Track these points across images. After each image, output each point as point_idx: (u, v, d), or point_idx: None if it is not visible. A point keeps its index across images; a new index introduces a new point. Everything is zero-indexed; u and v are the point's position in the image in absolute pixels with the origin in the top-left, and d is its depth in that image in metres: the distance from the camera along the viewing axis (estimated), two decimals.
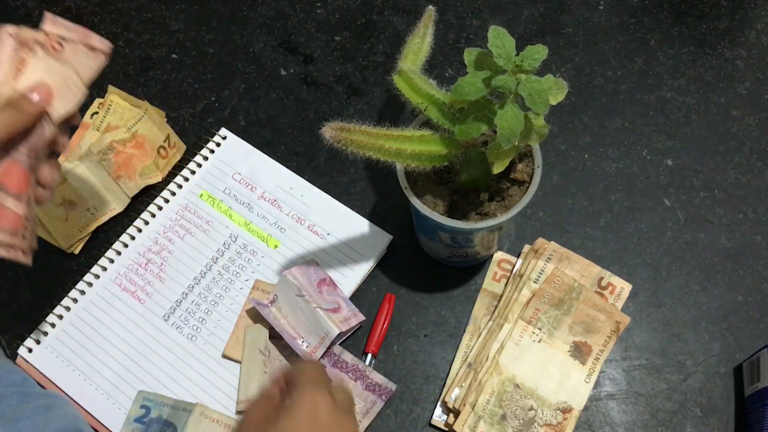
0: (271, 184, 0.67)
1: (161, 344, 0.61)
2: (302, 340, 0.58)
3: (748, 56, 0.73)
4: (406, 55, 0.54)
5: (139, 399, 0.58)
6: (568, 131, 0.70)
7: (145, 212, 0.66)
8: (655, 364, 0.60)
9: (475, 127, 0.46)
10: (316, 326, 0.57)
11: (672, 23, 0.75)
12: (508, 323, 0.59)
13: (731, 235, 0.65)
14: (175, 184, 0.68)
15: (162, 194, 0.67)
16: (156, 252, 0.65)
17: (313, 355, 0.57)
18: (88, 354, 0.61)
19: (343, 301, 0.60)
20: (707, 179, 0.67)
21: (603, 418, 0.58)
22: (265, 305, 0.59)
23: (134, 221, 0.66)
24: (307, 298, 0.58)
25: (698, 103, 0.71)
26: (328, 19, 0.77)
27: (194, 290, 0.63)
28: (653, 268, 0.64)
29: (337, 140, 0.45)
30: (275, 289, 0.59)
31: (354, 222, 0.65)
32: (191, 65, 0.75)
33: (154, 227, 0.66)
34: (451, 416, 0.58)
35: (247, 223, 0.66)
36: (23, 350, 0.61)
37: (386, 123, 0.49)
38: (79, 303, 0.63)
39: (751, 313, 0.62)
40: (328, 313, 0.58)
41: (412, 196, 0.53)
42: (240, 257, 0.64)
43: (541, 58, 0.45)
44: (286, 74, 0.74)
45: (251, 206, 0.66)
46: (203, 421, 0.56)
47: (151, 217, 0.66)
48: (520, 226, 0.66)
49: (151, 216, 0.66)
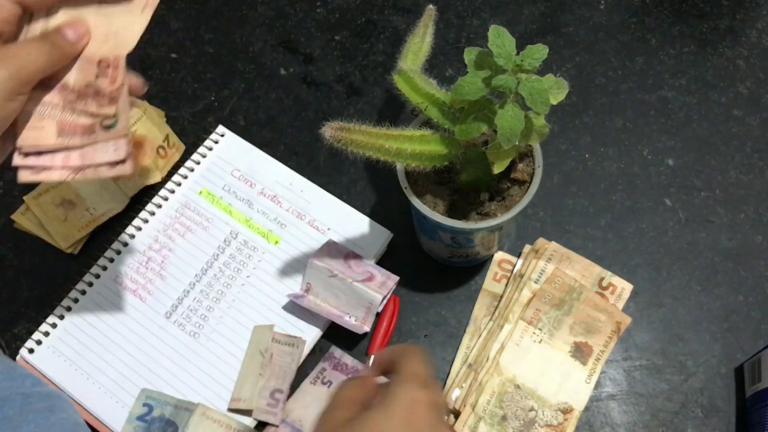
0: (271, 180, 0.67)
1: (163, 342, 0.61)
2: (349, 315, 0.60)
3: (750, 56, 0.73)
4: (406, 54, 0.54)
5: (142, 397, 0.58)
6: (568, 131, 0.70)
7: (144, 211, 0.66)
8: (656, 365, 0.60)
9: (475, 127, 0.46)
10: (359, 299, 0.59)
11: (673, 23, 0.75)
12: (508, 324, 0.59)
13: (732, 235, 0.65)
14: (173, 182, 0.68)
15: (161, 192, 0.67)
16: (156, 250, 0.65)
17: (363, 327, 0.59)
18: (90, 353, 0.61)
19: (373, 268, 0.61)
20: (708, 179, 0.67)
21: (604, 419, 0.58)
22: (302, 296, 0.60)
23: (133, 221, 0.66)
24: (340, 276, 0.59)
25: (699, 103, 0.71)
26: (328, 19, 0.77)
27: (195, 288, 0.63)
28: (654, 268, 0.63)
29: (337, 140, 0.45)
30: (307, 277, 0.61)
31: (354, 218, 0.65)
32: (191, 65, 0.75)
33: (154, 225, 0.66)
34: (451, 417, 0.58)
35: (247, 220, 0.66)
36: (24, 351, 0.61)
37: (386, 123, 0.48)
38: (80, 303, 0.62)
39: (752, 314, 0.61)
40: (364, 284, 0.59)
41: (412, 196, 0.53)
42: (241, 254, 0.64)
43: (541, 58, 0.45)
44: (285, 74, 0.74)
45: (251, 203, 0.66)
46: (204, 421, 0.56)
47: (150, 215, 0.66)
48: (521, 226, 0.65)
49: (150, 214, 0.66)
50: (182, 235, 0.65)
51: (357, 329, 0.59)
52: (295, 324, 0.61)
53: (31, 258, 0.65)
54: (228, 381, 0.59)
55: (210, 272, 0.64)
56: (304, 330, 0.61)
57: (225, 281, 0.63)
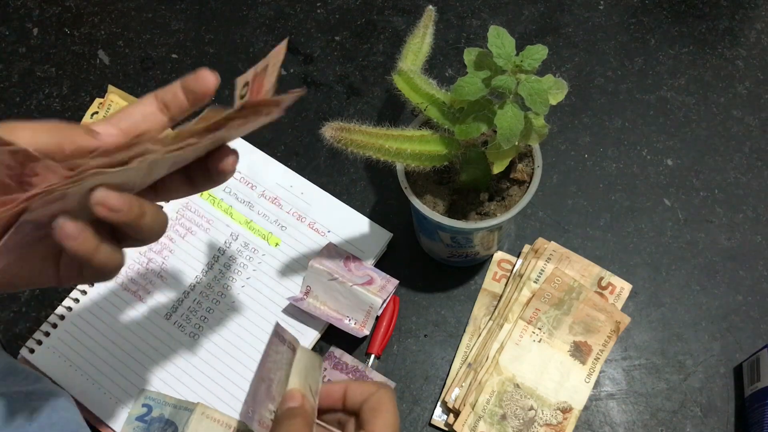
0: (272, 182, 0.67)
1: (163, 343, 0.61)
2: (348, 319, 0.59)
3: (748, 56, 0.73)
4: (406, 55, 0.54)
5: (141, 397, 0.58)
6: (568, 131, 0.70)
7: None
8: (655, 364, 0.60)
9: (475, 127, 0.46)
10: (358, 302, 0.59)
11: (672, 23, 0.75)
12: (508, 323, 0.60)
13: (731, 234, 0.65)
14: None
15: None
16: (157, 251, 0.65)
17: (363, 330, 0.59)
18: (90, 353, 0.61)
19: (373, 272, 0.61)
20: (707, 179, 0.67)
21: (603, 418, 0.58)
22: (301, 298, 0.60)
23: None
24: (340, 279, 0.59)
25: (698, 103, 0.71)
26: (328, 19, 0.77)
27: (196, 289, 0.63)
28: (653, 267, 0.64)
29: (337, 140, 0.45)
30: (306, 280, 0.61)
31: (354, 219, 0.65)
32: (191, 65, 0.75)
33: None
34: (451, 416, 0.58)
35: (247, 222, 0.66)
36: (25, 351, 0.61)
37: (386, 123, 0.49)
38: (80, 303, 0.63)
39: (751, 313, 0.62)
40: (364, 287, 0.59)
41: (412, 196, 0.53)
42: (241, 255, 0.64)
43: (541, 58, 0.45)
44: (286, 74, 0.74)
45: (252, 204, 0.66)
46: (204, 420, 0.56)
47: None
48: (520, 226, 0.66)
49: None
50: (183, 237, 0.65)
51: (357, 333, 0.59)
52: (295, 326, 0.61)
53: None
54: (227, 382, 0.59)
55: (210, 274, 0.64)
56: (303, 332, 0.61)
57: (225, 283, 0.63)
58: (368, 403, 0.41)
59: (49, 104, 0.73)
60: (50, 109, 0.73)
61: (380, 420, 0.40)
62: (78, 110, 0.72)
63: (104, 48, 0.76)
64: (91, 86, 0.74)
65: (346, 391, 0.43)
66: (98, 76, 0.75)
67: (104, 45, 0.76)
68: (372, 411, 0.41)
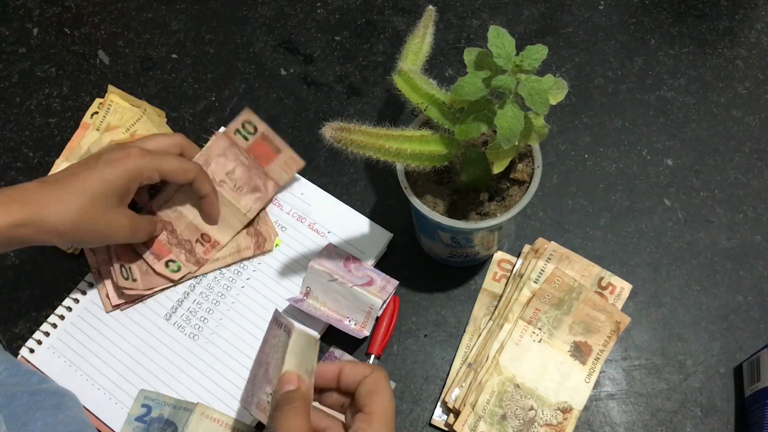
0: None
1: (163, 343, 0.61)
2: (348, 319, 0.59)
3: (748, 56, 0.73)
4: (406, 55, 0.54)
5: (141, 398, 0.58)
6: (568, 131, 0.70)
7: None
8: (655, 364, 0.60)
9: (475, 127, 0.46)
10: (358, 303, 0.58)
11: (672, 23, 0.75)
12: (508, 323, 0.60)
13: (731, 234, 0.65)
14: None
15: None
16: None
17: (363, 331, 0.59)
18: (90, 354, 0.61)
19: (373, 272, 0.61)
20: (707, 179, 0.67)
21: (603, 418, 0.58)
22: (301, 299, 0.60)
23: None
24: (340, 280, 0.59)
25: (698, 103, 0.71)
26: (328, 19, 0.77)
27: (195, 290, 0.63)
28: (653, 268, 0.64)
29: (337, 140, 0.45)
30: (306, 281, 0.61)
31: (354, 220, 0.65)
32: (191, 65, 0.75)
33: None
34: (451, 416, 0.58)
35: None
36: (25, 351, 0.61)
37: (386, 123, 0.49)
38: (80, 303, 0.63)
39: (751, 313, 0.62)
40: (364, 288, 0.59)
41: (412, 196, 0.53)
42: None
43: (541, 58, 0.45)
44: (286, 74, 0.74)
45: None
46: (204, 420, 0.56)
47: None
48: (520, 226, 0.66)
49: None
50: None
51: (357, 334, 0.58)
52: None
53: (32, 258, 0.66)
54: (227, 382, 0.59)
55: (210, 274, 0.64)
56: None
57: (225, 283, 0.63)
58: (364, 386, 0.43)
59: (49, 104, 0.73)
60: (50, 109, 0.73)
61: (378, 402, 0.42)
62: (78, 110, 0.72)
63: (104, 48, 0.76)
64: (91, 86, 0.74)
65: (341, 372, 0.44)
66: (98, 76, 0.75)
67: (104, 45, 0.76)
68: (369, 394, 0.42)
